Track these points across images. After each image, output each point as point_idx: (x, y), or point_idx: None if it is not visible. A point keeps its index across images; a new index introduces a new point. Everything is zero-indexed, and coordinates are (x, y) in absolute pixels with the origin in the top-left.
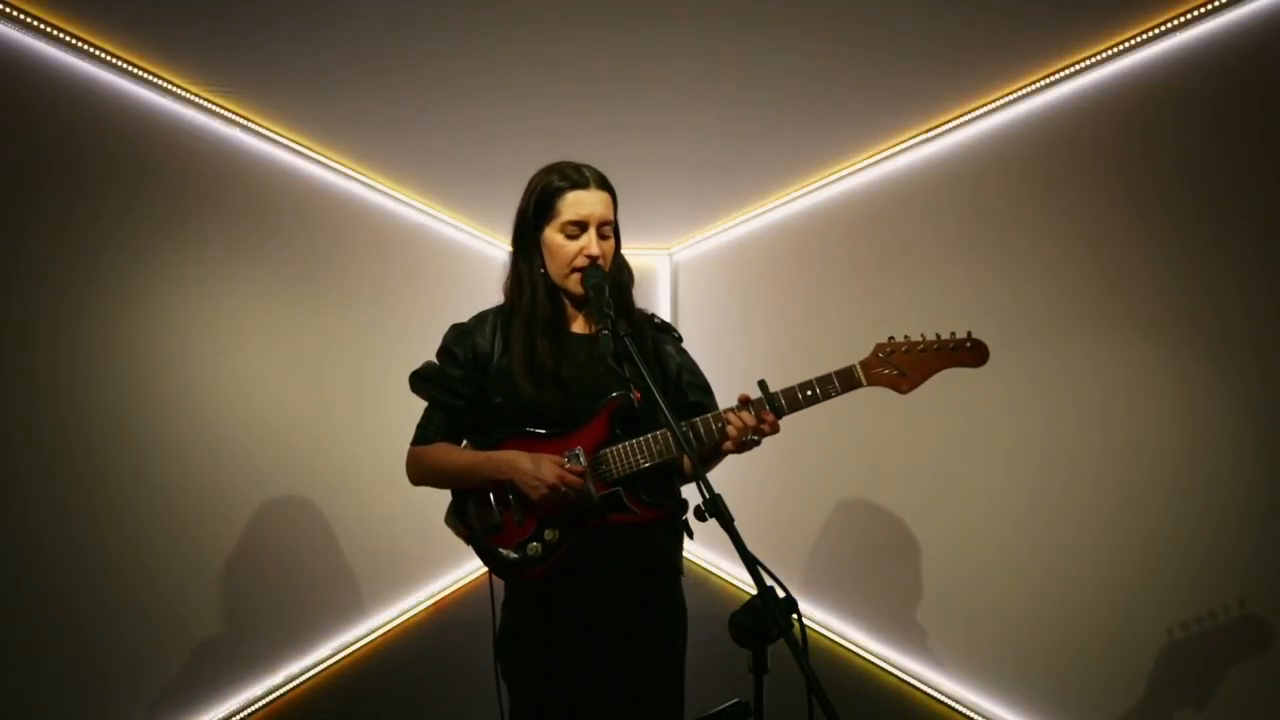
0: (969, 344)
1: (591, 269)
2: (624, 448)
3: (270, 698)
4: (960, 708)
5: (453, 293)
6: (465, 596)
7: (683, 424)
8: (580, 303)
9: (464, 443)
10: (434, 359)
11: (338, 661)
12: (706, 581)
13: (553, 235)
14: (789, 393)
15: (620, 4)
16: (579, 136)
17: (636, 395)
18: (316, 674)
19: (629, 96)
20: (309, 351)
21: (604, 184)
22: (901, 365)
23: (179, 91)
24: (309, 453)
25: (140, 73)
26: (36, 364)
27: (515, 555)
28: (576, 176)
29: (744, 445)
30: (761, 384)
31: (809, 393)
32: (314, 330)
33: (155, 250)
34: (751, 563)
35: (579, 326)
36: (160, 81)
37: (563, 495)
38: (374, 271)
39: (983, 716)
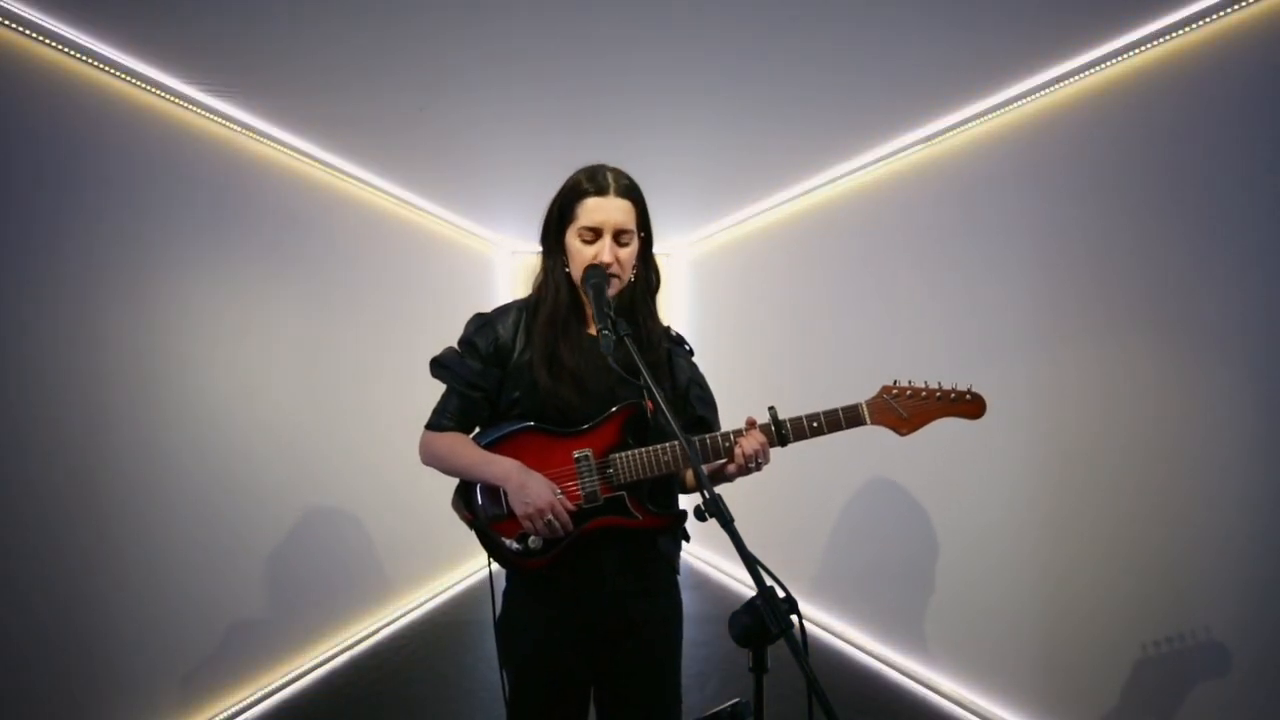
0: (969, 396)
1: (591, 270)
2: (633, 455)
3: (268, 701)
4: (959, 709)
5: (451, 292)
6: (463, 597)
7: (692, 439)
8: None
9: (476, 430)
10: (454, 346)
11: (337, 662)
12: (706, 581)
13: (571, 239)
14: (796, 422)
15: (620, 3)
16: (578, 136)
17: (649, 405)
18: (315, 674)
19: (629, 97)
20: (308, 351)
21: (627, 192)
22: (904, 409)
23: (178, 91)
24: (307, 452)
25: (137, 73)
26: (39, 366)
27: (517, 546)
28: (600, 182)
29: (745, 469)
30: (771, 410)
31: (815, 424)
32: (313, 329)
33: (154, 252)
34: (751, 562)
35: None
36: (158, 81)
37: (547, 524)
38: (372, 270)
39: (981, 717)
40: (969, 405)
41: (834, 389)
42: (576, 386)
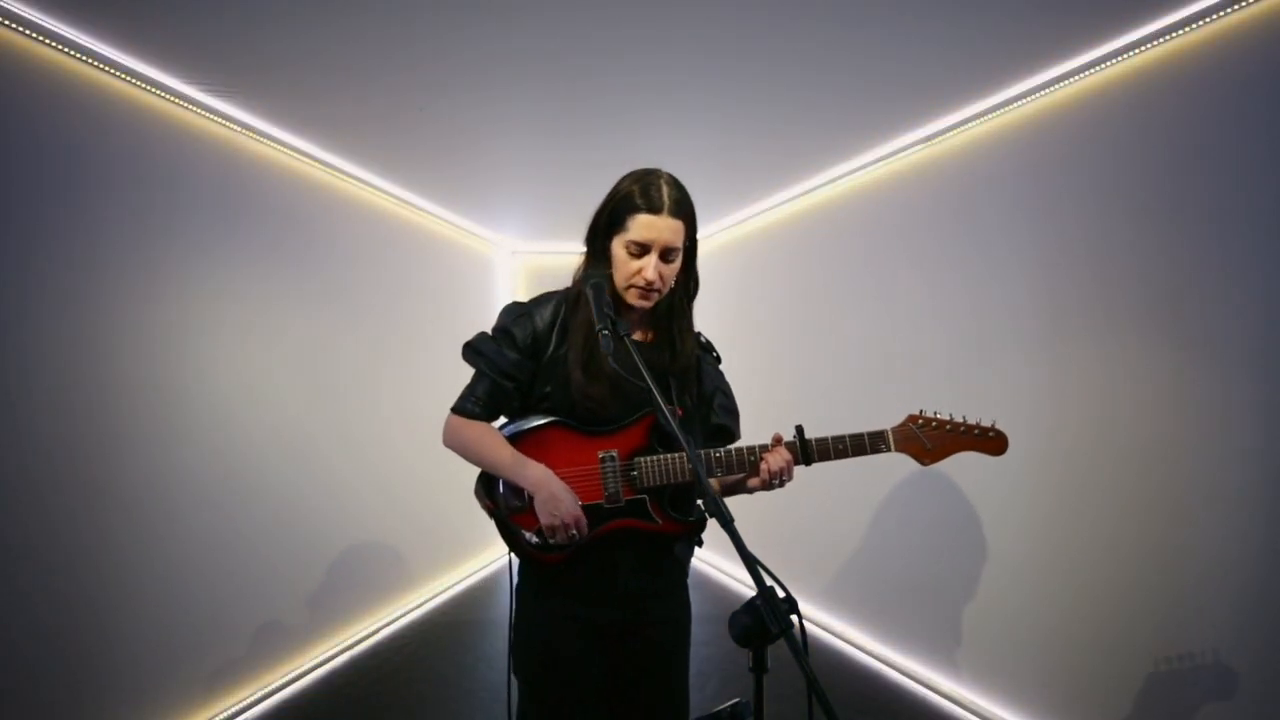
0: (992, 433)
1: (592, 270)
2: (658, 460)
3: (268, 701)
4: (959, 709)
5: (451, 292)
6: (464, 597)
7: (718, 450)
8: (638, 312)
9: (502, 419)
10: (488, 331)
11: (337, 662)
12: (707, 581)
13: (618, 248)
14: (821, 443)
15: (620, 2)
16: (578, 136)
17: (679, 411)
18: (315, 674)
19: (629, 96)
20: (308, 351)
21: (679, 211)
22: (929, 439)
23: (178, 91)
24: (307, 452)
25: (137, 73)
26: (37, 367)
27: (536, 540)
28: (654, 200)
29: (768, 485)
30: (799, 429)
31: (840, 446)
32: (313, 329)
33: (154, 253)
34: (751, 562)
35: (633, 331)
36: (158, 81)
37: (569, 535)
38: (373, 270)
39: (981, 717)
40: (992, 442)
41: (834, 389)
42: (610, 387)
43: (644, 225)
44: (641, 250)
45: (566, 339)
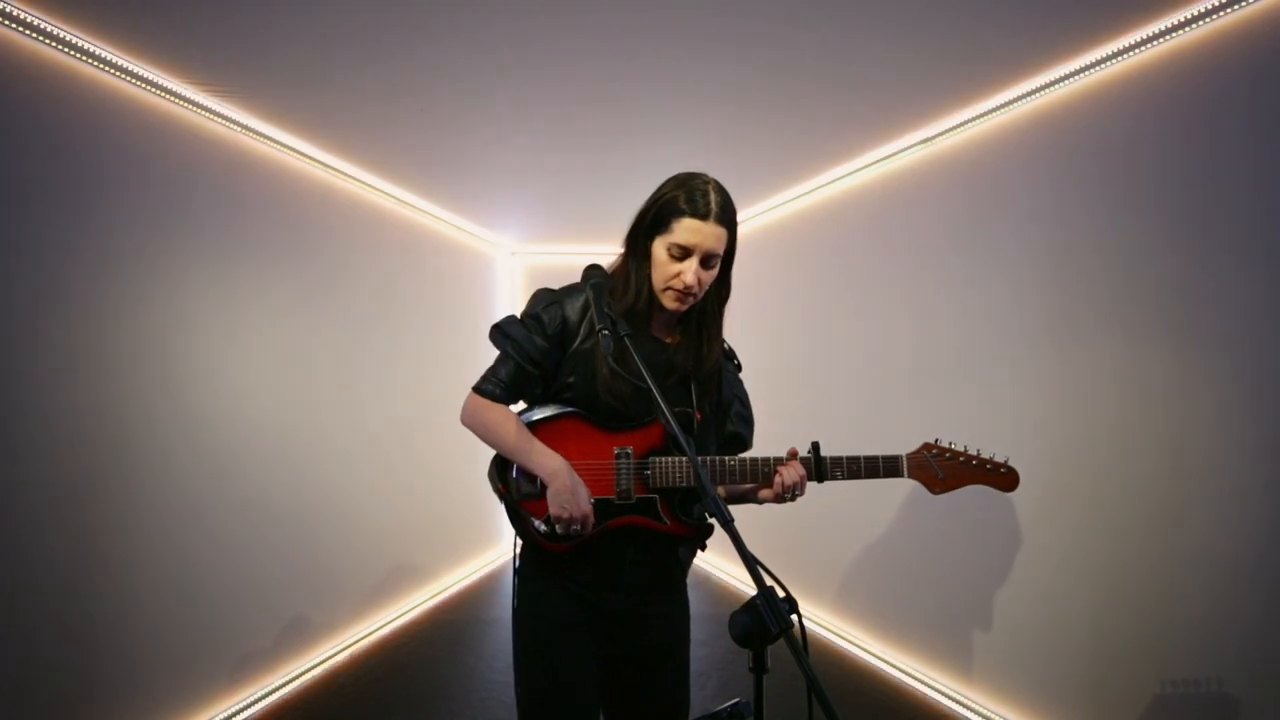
0: (1004, 469)
1: (591, 266)
2: (672, 461)
3: (268, 700)
4: (960, 709)
5: (451, 292)
6: (463, 596)
7: (733, 459)
8: (670, 314)
9: (520, 404)
10: (516, 316)
11: (337, 661)
12: (706, 581)
13: (659, 249)
14: (836, 461)
15: (620, 2)
16: (579, 137)
17: (698, 415)
18: (315, 673)
19: (630, 94)
20: (306, 351)
21: (723, 219)
22: (942, 469)
23: (179, 92)
24: (306, 453)
25: (141, 75)
26: (37, 366)
27: (544, 528)
28: (701, 204)
29: (781, 498)
30: (815, 445)
31: (853, 467)
32: (313, 328)
33: (152, 252)
34: (751, 562)
35: (662, 332)
36: (160, 82)
37: (576, 530)
38: (372, 270)
39: (982, 716)
40: (1003, 478)
41: (837, 391)
42: (632, 385)
43: (689, 229)
44: (683, 254)
45: (594, 333)
